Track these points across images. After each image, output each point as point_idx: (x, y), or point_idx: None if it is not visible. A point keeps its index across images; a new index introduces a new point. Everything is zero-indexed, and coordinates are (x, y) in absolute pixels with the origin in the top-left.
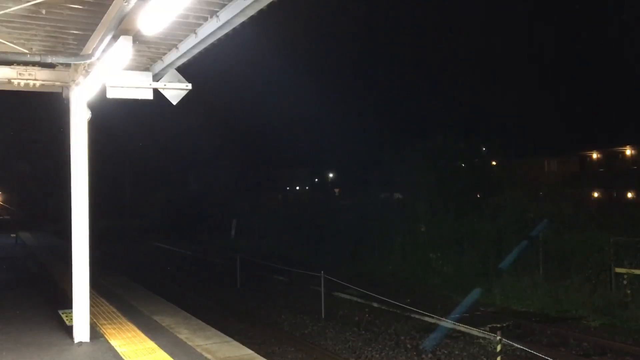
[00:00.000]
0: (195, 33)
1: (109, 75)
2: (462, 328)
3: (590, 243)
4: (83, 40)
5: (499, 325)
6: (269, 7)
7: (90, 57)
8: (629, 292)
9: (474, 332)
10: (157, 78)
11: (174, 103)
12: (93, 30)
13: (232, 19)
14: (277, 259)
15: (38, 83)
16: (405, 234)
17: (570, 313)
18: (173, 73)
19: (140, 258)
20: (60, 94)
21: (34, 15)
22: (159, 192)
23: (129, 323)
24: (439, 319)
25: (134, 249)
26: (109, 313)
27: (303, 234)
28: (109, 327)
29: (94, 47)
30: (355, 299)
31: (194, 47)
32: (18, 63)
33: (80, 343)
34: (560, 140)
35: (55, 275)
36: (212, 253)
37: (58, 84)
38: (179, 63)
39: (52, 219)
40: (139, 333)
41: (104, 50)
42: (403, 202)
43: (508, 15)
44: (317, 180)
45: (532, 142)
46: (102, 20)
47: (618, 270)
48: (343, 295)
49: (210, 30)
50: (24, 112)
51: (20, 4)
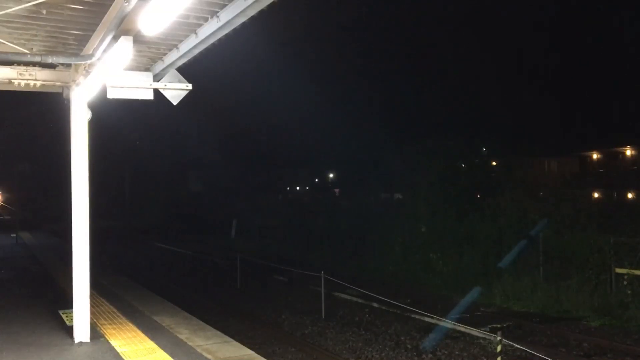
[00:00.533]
0: (196, 33)
1: (110, 76)
2: (462, 328)
3: (591, 243)
4: (83, 41)
5: (499, 326)
6: (270, 7)
7: (91, 57)
8: (630, 292)
9: (474, 332)
10: (157, 78)
11: (175, 103)
12: (94, 31)
13: (232, 19)
14: (277, 259)
15: (38, 83)
16: (406, 234)
17: (571, 313)
18: (173, 73)
19: (141, 258)
20: (61, 94)
21: (35, 16)
22: (160, 192)
23: (129, 323)
24: (439, 319)
25: (134, 249)
26: (109, 313)
27: (303, 234)
28: (109, 327)
29: (95, 47)
30: (356, 299)
31: (195, 47)
32: (19, 63)
33: (81, 343)
34: (561, 141)
35: (56, 275)
36: (212, 253)
37: (58, 84)
38: (180, 63)
39: (52, 219)
40: (139, 333)
41: (105, 51)
42: (403, 202)
43: (508, 15)
44: (317, 181)
45: (532, 142)
46: (102, 21)
47: (618, 271)
48: (343, 296)
49: (211, 31)
50: (25, 112)
51: (21, 4)
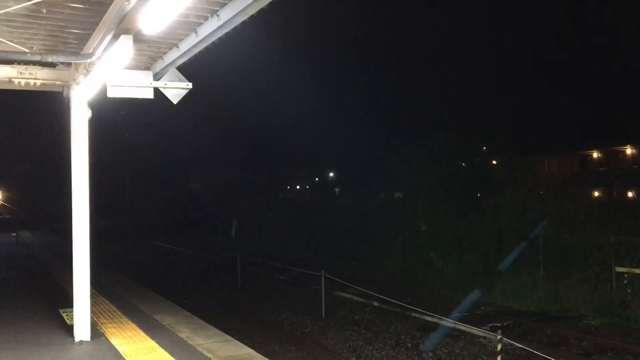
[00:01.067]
0: (196, 32)
1: (110, 75)
2: (462, 327)
3: (591, 242)
4: (84, 40)
5: (500, 325)
6: (270, 6)
7: (91, 56)
8: (630, 291)
9: (475, 331)
10: (157, 77)
11: (175, 102)
12: (94, 30)
13: (232, 18)
14: (277, 258)
15: (39, 82)
16: (406, 233)
17: (571, 312)
18: (174, 72)
19: (141, 257)
20: (61, 93)
21: (35, 15)
22: (160, 191)
23: (130, 322)
24: (440, 318)
25: (135, 248)
26: (110, 312)
27: (303, 234)
28: (110, 326)
29: (95, 46)
30: (356, 298)
31: (195, 46)
32: (19, 62)
33: (81, 342)
34: (561, 140)
35: (56, 275)
36: (212, 252)
37: (59, 83)
38: (180, 62)
39: (52, 218)
40: (140, 332)
41: (105, 50)
42: (403, 201)
43: (508, 14)
44: (317, 180)
45: (532, 141)
46: (102, 20)
47: (619, 270)
48: (343, 295)
49: (211, 30)
50: (25, 111)
51: (21, 3)
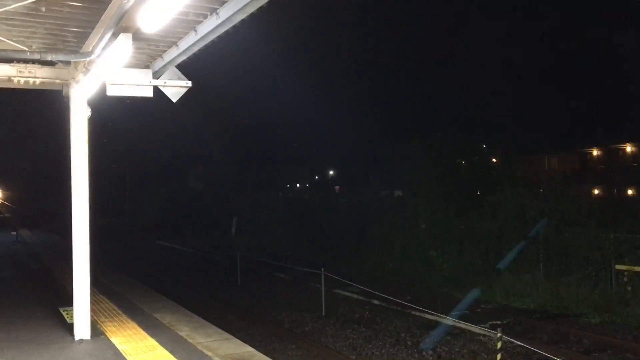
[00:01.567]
0: (195, 30)
1: (109, 73)
2: (462, 325)
3: (591, 240)
4: (83, 38)
5: (500, 322)
6: (269, 4)
7: (90, 54)
8: (630, 289)
9: (475, 329)
10: (157, 75)
11: (174, 101)
12: (93, 28)
13: (232, 16)
14: (277, 257)
15: (38, 81)
16: (406, 231)
17: (571, 310)
18: (173, 70)
19: (141, 256)
20: (61, 92)
21: (34, 13)
22: (160, 189)
23: (130, 321)
24: (440, 316)
25: (135, 247)
26: (110, 311)
27: (303, 232)
28: (110, 324)
29: (94, 44)
30: (356, 296)
31: (194, 44)
32: (18, 61)
33: (81, 340)
34: (561, 137)
35: (56, 273)
36: (212, 251)
37: (58, 82)
38: (179, 60)
39: (52, 217)
40: (140, 330)
41: (104, 48)
42: (403, 199)
43: (508, 12)
44: (317, 178)
45: (532, 139)
46: (101, 18)
47: (618, 267)
48: (343, 293)
49: (210, 28)
50: (25, 109)
51: (20, 2)
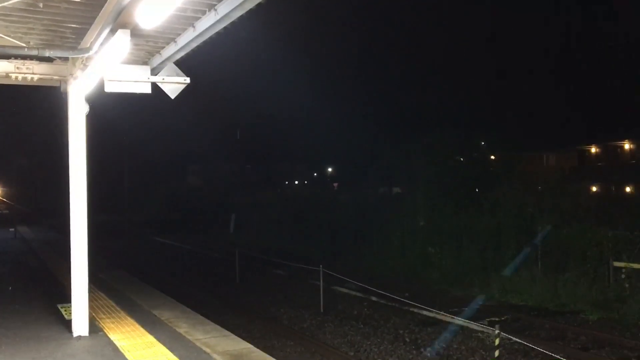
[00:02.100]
0: (194, 27)
1: (107, 69)
2: (460, 322)
3: (589, 237)
4: (81, 34)
5: (498, 319)
6: (268, 1)
7: (88, 50)
8: (627, 286)
9: (473, 325)
10: (155, 72)
11: (172, 97)
12: (91, 24)
13: (230, 13)
14: (276, 253)
15: (36, 77)
16: (404, 228)
17: (569, 307)
18: (171, 67)
19: (139, 252)
20: (59, 88)
21: (32, 9)
22: (158, 186)
23: (128, 317)
24: (438, 313)
25: (133, 243)
26: (108, 307)
27: (302, 229)
28: (108, 321)
29: (92, 40)
30: (354, 293)
31: (192, 40)
32: (16, 57)
33: (79, 337)
34: (559, 135)
35: (54, 270)
36: (211, 247)
37: (56, 78)
38: (177, 57)
39: (51, 213)
40: (138, 327)
41: (102, 44)
42: (402, 196)
43: (507, 11)
44: (316, 175)
45: (530, 136)
46: (99, 14)
47: (616, 264)
48: (342, 289)
49: (209, 24)
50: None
51: None
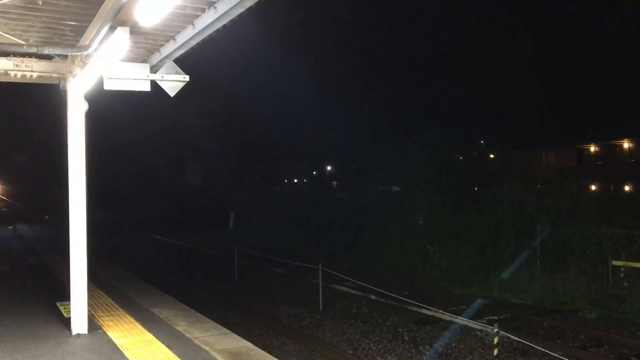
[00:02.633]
0: (193, 24)
1: (106, 67)
2: (459, 320)
3: (588, 236)
4: (80, 32)
5: (497, 318)
6: None
7: (87, 48)
8: (626, 284)
9: (472, 324)
10: (154, 70)
11: (172, 95)
12: (90, 22)
13: (230, 10)
14: (275, 252)
15: (35, 74)
16: (403, 227)
17: (567, 305)
18: (170, 65)
19: (138, 250)
20: (58, 86)
21: (31, 6)
22: (157, 184)
23: (127, 315)
24: (437, 311)
25: (132, 242)
26: (107, 305)
27: (301, 227)
28: (107, 319)
29: (91, 38)
30: (353, 292)
31: (192, 38)
32: (15, 54)
33: (78, 335)
34: (558, 133)
35: (53, 268)
36: (210, 246)
37: (55, 76)
38: (177, 55)
39: (50, 211)
40: (137, 325)
41: (101, 42)
42: (401, 194)
43: (507, 10)
44: (315, 173)
45: (530, 134)
46: (99, 11)
47: (615, 263)
48: (341, 288)
49: (208, 22)
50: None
51: None
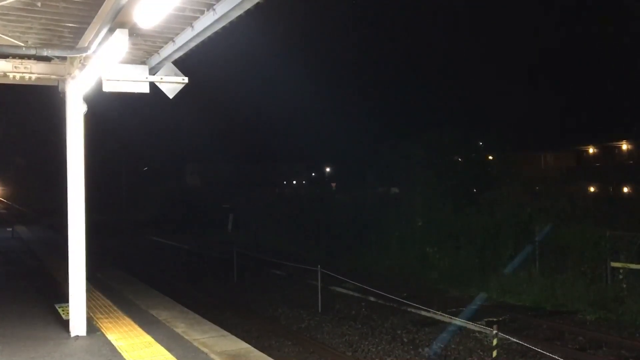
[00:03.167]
0: (192, 26)
1: (105, 69)
2: (458, 322)
3: (587, 237)
4: (79, 33)
5: (495, 319)
6: (267, 0)
7: (86, 50)
8: (625, 286)
9: (470, 326)
10: (153, 71)
11: (171, 97)
12: (89, 23)
13: (228, 12)
14: (274, 253)
15: (34, 76)
16: (402, 228)
17: (566, 307)
18: (169, 66)
19: (137, 252)
20: (57, 88)
21: (30, 8)
22: (156, 186)
23: (126, 317)
24: (436, 313)
25: (131, 243)
26: (106, 307)
27: (300, 228)
28: (106, 321)
29: (90, 40)
30: (352, 293)
31: (191, 40)
32: (14, 56)
33: (77, 337)
34: (557, 135)
35: (52, 269)
36: (209, 247)
37: (54, 78)
38: (176, 56)
39: (48, 213)
40: (136, 327)
41: (100, 44)
42: (400, 196)
43: (506, 11)
44: (314, 175)
45: (529, 136)
46: (98, 13)
47: (614, 265)
48: (340, 289)
49: (207, 24)
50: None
51: None
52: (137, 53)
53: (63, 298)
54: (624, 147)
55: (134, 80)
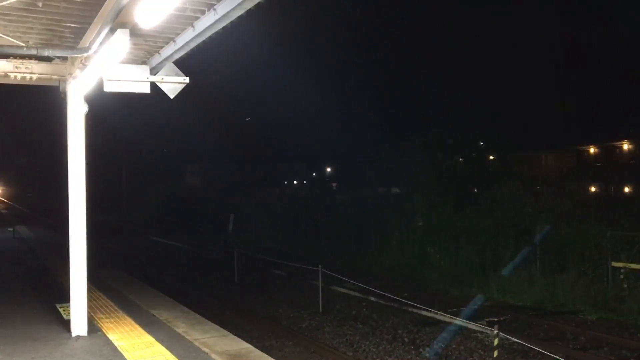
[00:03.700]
0: (193, 26)
1: (106, 69)
2: (459, 322)
3: (588, 237)
4: (80, 34)
5: (496, 319)
6: (267, 0)
7: (87, 50)
8: (626, 286)
9: (471, 325)
10: (154, 71)
11: (171, 97)
12: (90, 23)
13: (229, 12)
14: (274, 253)
15: (35, 76)
16: (403, 228)
17: (567, 307)
18: (170, 66)
19: (138, 252)
20: (58, 88)
21: (31, 8)
22: (157, 186)
23: (127, 317)
24: (436, 313)
25: (132, 243)
26: (107, 307)
27: (301, 228)
28: (107, 321)
29: (91, 40)
30: (353, 293)
31: (192, 40)
32: (15, 56)
33: (78, 337)
34: (558, 135)
35: (53, 269)
36: (209, 247)
37: (55, 78)
38: (177, 56)
39: (49, 213)
40: (137, 327)
41: (101, 44)
42: (401, 196)
43: (506, 11)
44: (315, 175)
45: (529, 136)
46: (99, 13)
47: (615, 265)
48: (340, 289)
49: (208, 24)
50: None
51: None
52: (138, 53)
53: (64, 298)
54: (625, 147)
55: (135, 80)
